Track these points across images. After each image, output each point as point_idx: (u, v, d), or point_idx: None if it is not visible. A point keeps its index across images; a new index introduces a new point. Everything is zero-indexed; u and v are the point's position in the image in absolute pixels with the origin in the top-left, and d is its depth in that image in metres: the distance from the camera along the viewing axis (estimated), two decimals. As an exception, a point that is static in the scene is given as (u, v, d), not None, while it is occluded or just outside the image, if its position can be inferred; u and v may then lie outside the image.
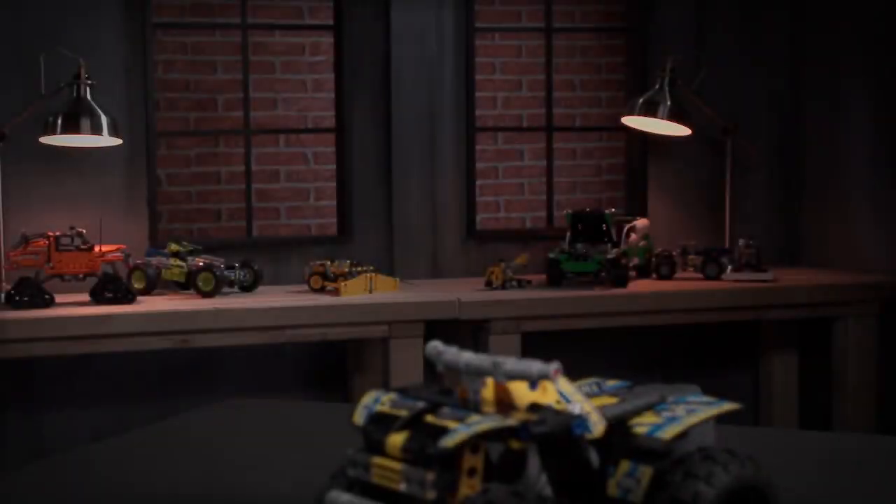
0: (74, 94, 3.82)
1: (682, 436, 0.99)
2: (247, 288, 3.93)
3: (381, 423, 0.94)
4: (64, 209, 3.98)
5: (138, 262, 3.86)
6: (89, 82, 3.83)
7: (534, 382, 0.93)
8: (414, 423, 0.92)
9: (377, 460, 0.92)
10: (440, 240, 4.39)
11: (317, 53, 5.07)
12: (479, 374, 0.94)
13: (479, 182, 5.06)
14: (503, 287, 3.95)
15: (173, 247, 3.91)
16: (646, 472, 0.96)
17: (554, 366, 0.91)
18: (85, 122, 3.79)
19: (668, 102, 4.17)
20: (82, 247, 3.69)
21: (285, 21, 5.00)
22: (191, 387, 4.14)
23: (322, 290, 3.92)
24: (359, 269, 3.95)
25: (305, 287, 3.98)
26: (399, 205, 4.34)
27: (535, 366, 0.91)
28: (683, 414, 0.99)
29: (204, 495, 1.27)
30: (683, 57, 4.28)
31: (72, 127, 3.79)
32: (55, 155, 3.95)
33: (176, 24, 4.90)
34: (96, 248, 3.70)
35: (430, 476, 0.89)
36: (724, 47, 4.50)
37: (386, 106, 4.31)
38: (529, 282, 4.00)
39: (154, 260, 3.88)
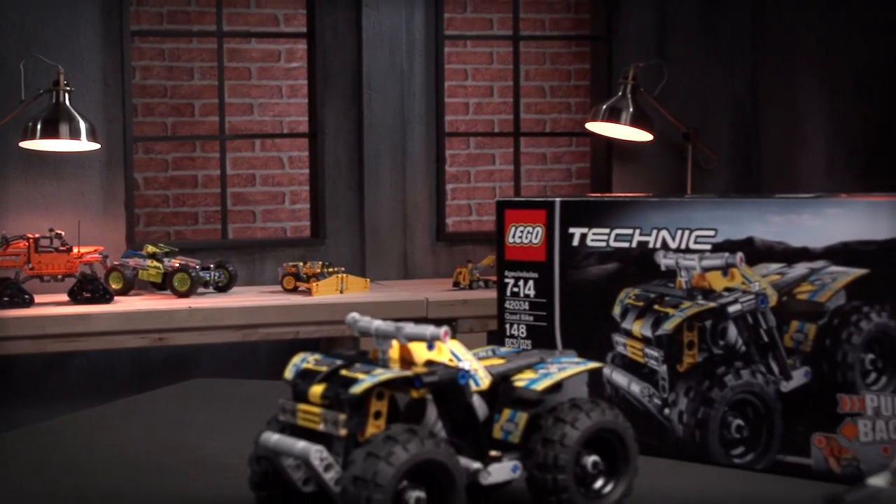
0: (53, 100, 4.03)
1: (557, 389, 1.23)
2: (221, 288, 4.15)
3: (306, 377, 1.19)
4: (43, 212, 4.19)
5: (116, 263, 4.07)
6: (68, 88, 4.04)
7: (430, 343, 1.18)
8: (332, 376, 1.17)
9: (302, 406, 1.17)
10: (410, 242, 4.62)
11: (292, 60, 5.31)
12: (386, 337, 1.19)
13: (451, 186, 5.31)
14: (470, 287, 4.18)
15: (150, 248, 4.12)
16: (523, 417, 1.20)
17: (443, 329, 1.16)
18: (63, 128, 3.99)
19: (631, 109, 4.41)
20: (61, 248, 3.88)
21: (260, 28, 5.24)
22: (166, 384, 4.35)
23: (295, 290, 4.15)
24: (330, 270, 4.18)
25: (279, 287, 4.21)
26: (370, 208, 4.56)
27: (429, 329, 1.16)
28: (555, 371, 1.24)
29: (168, 454, 1.50)
30: (646, 64, 4.52)
31: (51, 132, 3.99)
32: (35, 159, 4.17)
33: (153, 31, 5.13)
34: (75, 250, 3.89)
35: (343, 418, 1.13)
36: (685, 55, 4.75)
37: (358, 111, 4.54)
38: (496, 282, 4.22)
39: (131, 261, 4.09)
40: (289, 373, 1.21)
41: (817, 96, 4.53)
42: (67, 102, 4.03)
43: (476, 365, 1.22)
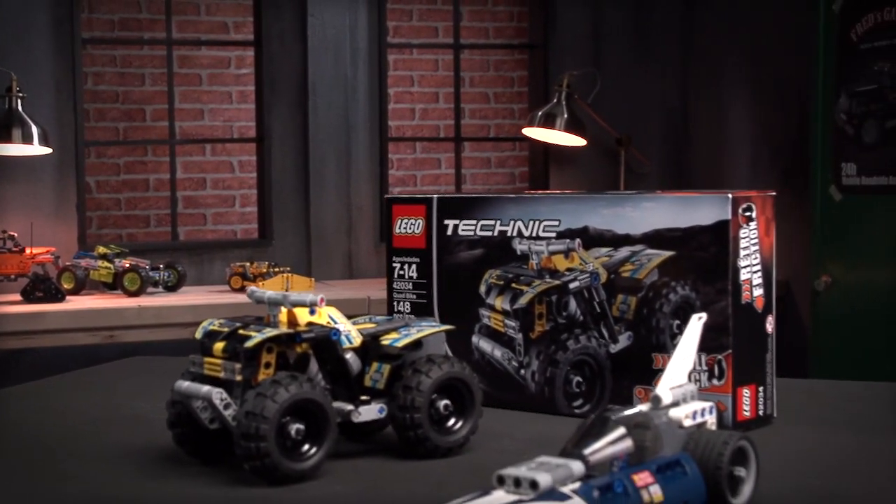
0: (6, 106, 4.30)
1: (418, 346, 1.59)
2: (171, 288, 4.47)
3: (212, 336, 1.54)
4: (-4, 214, 4.49)
5: (68, 263, 4.37)
6: (20, 94, 4.32)
7: (311, 308, 1.53)
8: (231, 335, 1.52)
9: (207, 359, 1.52)
10: (355, 243, 4.96)
11: (241, 66, 5.65)
12: (275, 304, 1.54)
13: (398, 189, 5.66)
14: (410, 286, 4.53)
15: (101, 249, 4.42)
16: (387, 368, 1.56)
17: (320, 296, 1.52)
18: (16, 132, 4.27)
19: (565, 115, 4.77)
20: (14, 249, 4.16)
21: (210, 36, 5.58)
22: (117, 381, 4.66)
23: (242, 289, 4.47)
24: (276, 269, 4.51)
25: (226, 287, 4.54)
26: (316, 210, 4.90)
27: (308, 297, 1.52)
28: (415, 332, 1.59)
29: (103, 413, 1.85)
30: (580, 72, 4.89)
31: (3, 137, 4.26)
32: (-12, 163, 4.47)
33: (105, 39, 5.46)
34: (27, 251, 4.18)
35: (239, 367, 1.48)
36: (618, 63, 5.13)
37: (303, 117, 4.88)
38: (435, 281, 4.57)
39: (83, 262, 4.39)
40: (198, 333, 1.56)
41: (743, 103, 4.92)
42: (20, 108, 4.29)
43: (350, 327, 1.57)
